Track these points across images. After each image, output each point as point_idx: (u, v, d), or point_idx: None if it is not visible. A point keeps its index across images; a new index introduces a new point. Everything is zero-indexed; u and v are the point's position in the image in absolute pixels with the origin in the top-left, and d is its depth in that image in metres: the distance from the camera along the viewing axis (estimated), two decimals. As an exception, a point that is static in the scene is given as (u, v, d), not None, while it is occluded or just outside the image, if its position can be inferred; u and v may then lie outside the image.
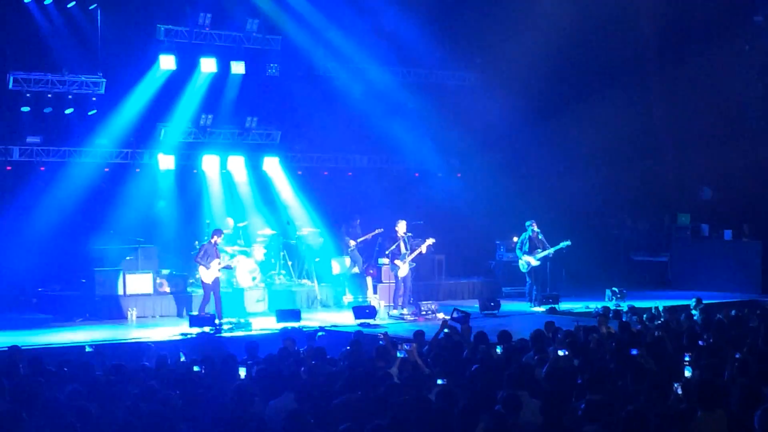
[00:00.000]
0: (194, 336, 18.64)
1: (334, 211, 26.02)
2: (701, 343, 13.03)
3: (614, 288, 23.76)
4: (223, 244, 21.54)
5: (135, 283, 21.79)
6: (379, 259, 23.22)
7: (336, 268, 24.39)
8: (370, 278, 23.58)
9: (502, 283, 26.00)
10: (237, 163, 25.86)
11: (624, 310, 20.21)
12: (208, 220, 23.90)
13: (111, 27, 24.24)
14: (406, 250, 22.24)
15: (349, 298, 23.44)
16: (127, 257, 22.36)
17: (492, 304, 22.43)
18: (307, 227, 25.38)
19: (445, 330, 14.89)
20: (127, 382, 11.04)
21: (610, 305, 21.67)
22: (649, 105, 29.80)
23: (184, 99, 25.17)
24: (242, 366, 11.62)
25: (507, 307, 23.04)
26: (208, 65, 24.94)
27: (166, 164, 24.70)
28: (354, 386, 10.32)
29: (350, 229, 24.81)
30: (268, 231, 24.86)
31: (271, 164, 26.41)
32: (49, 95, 23.82)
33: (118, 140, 24.71)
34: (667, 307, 19.81)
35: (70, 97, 24.06)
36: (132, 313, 20.93)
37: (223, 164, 25.69)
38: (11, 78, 23.16)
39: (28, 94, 23.51)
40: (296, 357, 13.09)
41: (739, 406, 9.00)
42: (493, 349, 12.86)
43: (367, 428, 8.22)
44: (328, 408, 9.51)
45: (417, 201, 27.20)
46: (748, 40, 28.11)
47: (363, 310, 20.68)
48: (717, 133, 28.00)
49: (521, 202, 27.19)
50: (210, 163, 25.44)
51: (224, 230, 22.90)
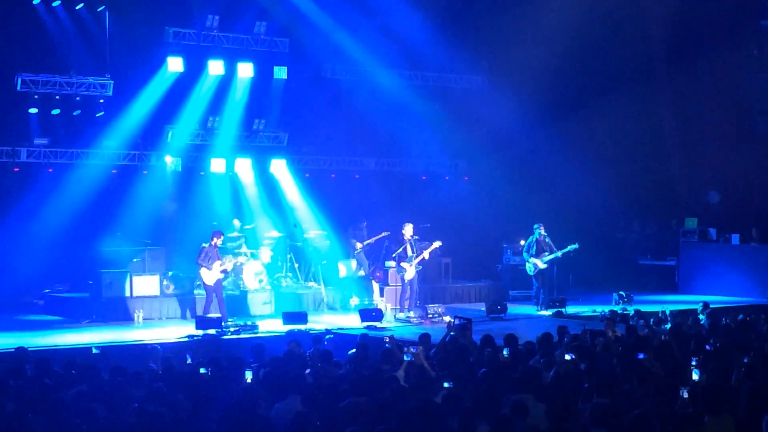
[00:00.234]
0: (199, 337, 18.64)
1: (341, 213, 26.00)
2: (708, 348, 13.00)
3: (621, 292, 23.72)
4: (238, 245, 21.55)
5: (142, 284, 21.81)
6: (386, 262, 23.21)
7: (343, 270, 24.38)
8: (376, 282, 23.58)
9: (508, 287, 25.96)
10: (244, 166, 25.89)
11: (630, 314, 20.16)
12: (215, 222, 23.90)
13: (119, 29, 24.29)
14: (413, 253, 22.22)
15: (355, 300, 23.42)
16: (134, 259, 22.37)
17: (499, 307, 22.40)
18: (314, 230, 25.37)
19: (451, 333, 14.89)
20: (131, 384, 11.04)
21: (617, 309, 21.64)
22: (657, 109, 29.75)
23: (191, 101, 25.18)
24: (248, 368, 11.60)
25: (514, 310, 22.99)
26: (216, 67, 24.97)
27: (173, 166, 24.74)
28: (360, 389, 10.31)
29: (357, 232, 24.80)
30: (275, 233, 24.87)
31: (279, 166, 26.42)
32: (57, 97, 23.88)
33: (126, 142, 24.73)
34: (674, 311, 19.75)
35: (77, 98, 24.12)
36: (139, 315, 20.93)
37: (231, 166, 25.72)
38: (19, 79, 23.22)
39: (36, 96, 23.57)
40: (302, 360, 13.08)
41: (746, 411, 8.98)
42: (500, 353, 12.84)
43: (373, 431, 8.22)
44: (334, 411, 9.50)
45: (424, 204, 27.16)
46: (756, 44, 28.07)
47: (369, 313, 20.65)
48: (725, 137, 27.98)
49: (528, 205, 27.14)
50: (217, 166, 25.48)
51: (230, 233, 22.99)
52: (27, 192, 23.58)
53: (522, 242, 24.34)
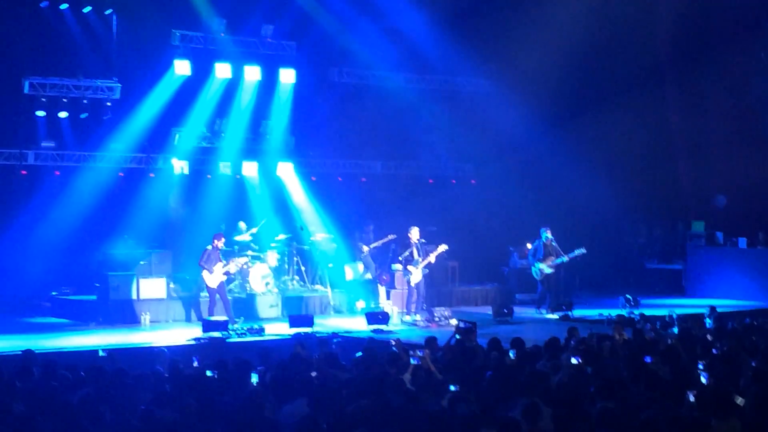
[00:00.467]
0: (206, 340, 18.64)
1: (347, 216, 26.00)
2: (715, 352, 12.97)
3: (628, 295, 23.68)
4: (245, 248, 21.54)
5: (149, 287, 21.81)
6: (392, 265, 23.22)
7: (349, 273, 24.38)
8: (381, 285, 23.57)
9: (515, 290, 25.96)
10: (251, 169, 25.91)
11: (636, 318, 20.13)
12: (222, 225, 23.92)
13: (126, 32, 24.36)
14: (419, 257, 22.22)
15: (361, 304, 23.42)
16: (141, 262, 22.39)
17: (505, 310, 22.39)
18: (321, 233, 25.37)
19: (457, 336, 14.87)
20: (137, 387, 11.03)
21: (624, 313, 21.61)
22: (665, 112, 29.68)
23: (198, 104, 25.23)
24: (254, 371, 11.59)
25: (520, 313, 22.99)
26: (223, 71, 24.99)
27: (180, 169, 24.75)
28: (366, 392, 10.29)
29: (364, 235, 24.79)
30: (281, 236, 24.87)
31: (285, 170, 26.42)
32: (65, 100, 23.95)
33: (133, 145, 24.79)
34: (680, 315, 19.72)
35: (85, 101, 24.19)
36: (145, 318, 20.95)
37: (237, 169, 25.75)
38: (27, 82, 23.28)
39: (43, 99, 23.63)
40: (308, 363, 13.07)
41: (753, 415, 8.95)
42: (507, 356, 12.82)
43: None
44: (341, 414, 9.49)
45: (430, 207, 27.14)
46: (763, 47, 27.99)
47: (376, 316, 20.65)
48: (732, 141, 27.95)
49: (535, 209, 27.15)
50: (225, 168, 25.50)
51: (237, 235, 22.99)
52: (34, 195, 23.65)
53: (528, 246, 24.34)
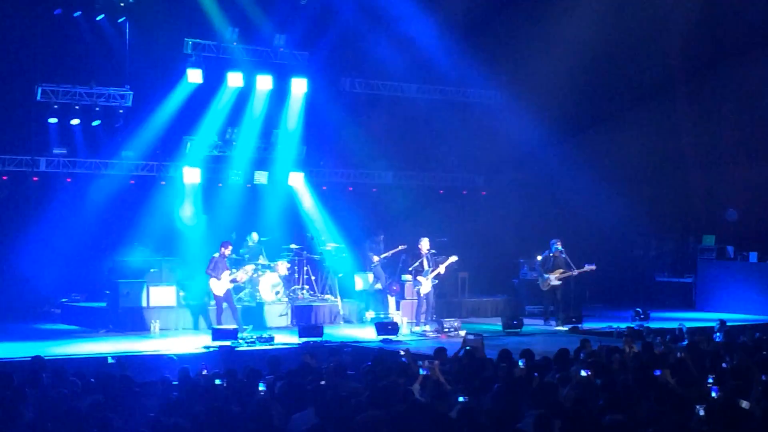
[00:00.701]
0: (216, 349, 18.64)
1: (358, 226, 25.99)
2: (724, 366, 12.92)
3: (638, 309, 23.62)
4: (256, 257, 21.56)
5: (158, 295, 21.84)
6: (402, 275, 23.21)
7: (359, 283, 24.38)
8: (391, 295, 23.57)
9: (525, 302, 25.91)
10: (262, 178, 25.94)
11: (645, 332, 20.08)
12: (233, 234, 23.95)
13: (139, 40, 24.43)
14: (429, 267, 22.22)
15: (371, 314, 23.42)
16: (151, 269, 22.41)
17: (515, 322, 22.35)
18: (331, 242, 25.37)
19: (467, 348, 14.85)
20: (147, 395, 11.04)
21: (633, 326, 21.55)
22: (676, 125, 29.62)
23: (210, 113, 25.27)
24: (262, 381, 11.60)
25: (530, 325, 22.95)
26: (235, 79, 25.04)
27: (192, 177, 24.78)
28: (375, 402, 10.28)
29: (374, 245, 24.78)
30: (292, 246, 24.88)
31: (296, 179, 26.45)
32: (77, 107, 24.02)
33: (144, 153, 24.87)
34: (690, 329, 19.66)
35: (97, 109, 24.25)
36: (155, 325, 20.97)
37: (249, 178, 25.79)
38: (39, 89, 23.35)
39: (55, 106, 23.70)
40: (317, 372, 13.06)
41: (763, 429, 8.92)
42: (516, 367, 12.80)
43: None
44: (350, 424, 9.48)
45: (441, 218, 27.15)
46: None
47: (385, 326, 20.64)
48: (744, 154, 27.88)
49: (545, 220, 27.15)
50: (236, 177, 25.55)
51: (247, 244, 22.99)
52: (46, 202, 23.72)
53: (538, 257, 24.30)
